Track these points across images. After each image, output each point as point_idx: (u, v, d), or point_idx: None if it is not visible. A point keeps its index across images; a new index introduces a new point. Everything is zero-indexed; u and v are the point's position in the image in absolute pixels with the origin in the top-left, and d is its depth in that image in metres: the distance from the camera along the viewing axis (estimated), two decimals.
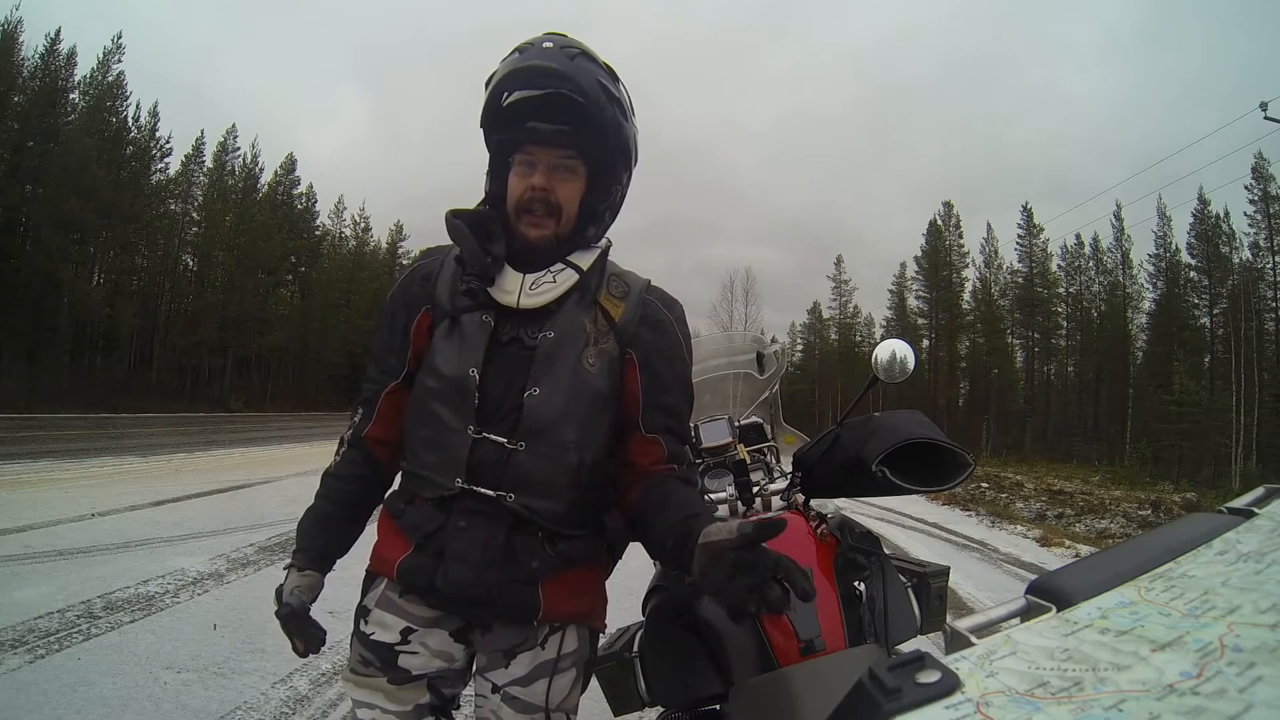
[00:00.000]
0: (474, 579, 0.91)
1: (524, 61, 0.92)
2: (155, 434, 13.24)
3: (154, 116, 28.31)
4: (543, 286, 0.96)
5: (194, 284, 30.84)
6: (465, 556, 0.91)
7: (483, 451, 0.92)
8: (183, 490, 6.53)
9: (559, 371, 0.94)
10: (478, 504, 0.92)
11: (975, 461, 1.11)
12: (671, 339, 1.03)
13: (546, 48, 0.92)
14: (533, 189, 0.95)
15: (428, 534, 0.93)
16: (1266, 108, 16.21)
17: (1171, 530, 0.53)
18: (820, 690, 0.87)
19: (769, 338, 1.84)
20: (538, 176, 0.95)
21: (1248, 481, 16.51)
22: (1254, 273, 26.70)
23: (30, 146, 22.87)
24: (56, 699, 2.29)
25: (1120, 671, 0.33)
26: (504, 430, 0.93)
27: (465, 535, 0.92)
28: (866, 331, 42.28)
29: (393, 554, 0.96)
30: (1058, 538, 7.45)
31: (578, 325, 0.97)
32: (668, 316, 1.04)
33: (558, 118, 0.93)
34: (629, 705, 1.13)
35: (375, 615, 0.98)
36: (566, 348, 0.96)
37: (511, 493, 0.91)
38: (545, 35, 0.95)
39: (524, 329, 0.96)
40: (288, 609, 1.01)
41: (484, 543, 0.91)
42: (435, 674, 0.97)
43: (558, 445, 0.93)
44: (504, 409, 0.93)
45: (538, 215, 0.96)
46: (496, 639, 0.96)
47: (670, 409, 1.01)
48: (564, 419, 0.94)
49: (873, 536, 1.18)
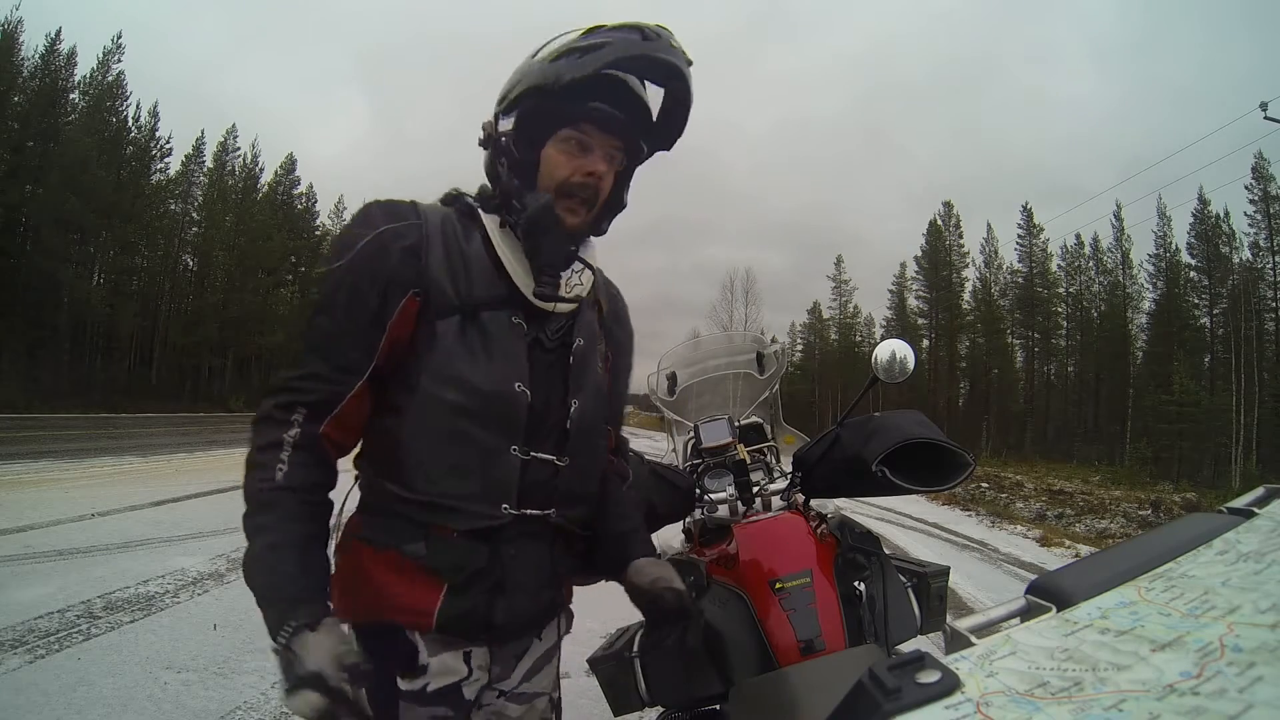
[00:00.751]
0: (533, 605, 0.87)
1: (652, 50, 0.82)
2: (155, 434, 13.23)
3: (154, 116, 28.35)
4: (574, 289, 0.89)
5: (194, 284, 30.82)
6: (525, 586, 0.85)
7: (533, 473, 0.84)
8: (183, 490, 6.52)
9: (591, 379, 0.91)
10: (527, 528, 0.85)
11: (975, 461, 1.11)
12: (629, 330, 1.05)
13: (674, 45, 0.84)
14: (589, 174, 0.85)
15: (473, 572, 0.82)
16: (1266, 108, 16.21)
17: (1171, 530, 0.53)
18: (820, 690, 0.87)
19: (769, 338, 1.84)
20: (597, 162, 0.86)
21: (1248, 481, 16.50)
22: (1254, 273, 26.67)
23: (30, 146, 22.88)
24: (56, 699, 2.29)
25: (1120, 671, 0.33)
26: (551, 447, 0.86)
27: (517, 563, 0.84)
28: (866, 331, 42.25)
29: (423, 601, 0.80)
30: (1058, 538, 7.44)
31: (594, 328, 0.94)
32: (625, 309, 1.05)
33: (623, 106, 0.86)
34: (629, 705, 1.12)
35: (434, 665, 0.81)
36: (593, 354, 0.92)
37: (555, 508, 0.87)
38: (663, 28, 0.85)
39: (542, 330, 0.88)
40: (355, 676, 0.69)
41: (536, 565, 0.87)
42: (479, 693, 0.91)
43: (594, 456, 0.92)
44: (549, 423, 0.86)
45: (577, 202, 0.86)
46: (512, 646, 0.92)
47: (620, 396, 1.03)
48: (599, 428, 0.93)
49: (873, 536, 1.18)
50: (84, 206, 22.56)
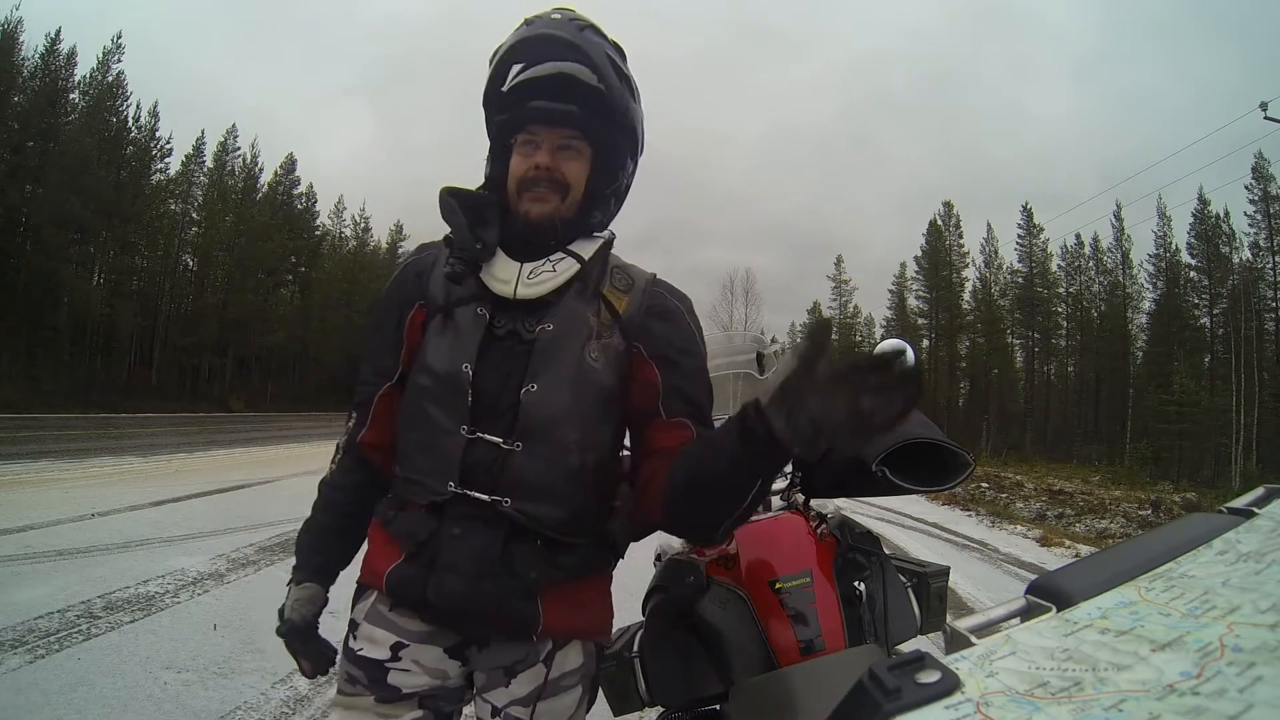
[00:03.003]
0: (468, 590, 0.85)
1: (533, 31, 0.88)
2: (155, 434, 13.24)
3: (154, 117, 28.38)
4: (541, 276, 0.90)
5: (194, 284, 30.87)
6: (458, 566, 0.85)
7: (477, 453, 0.86)
8: (183, 490, 6.52)
9: (561, 366, 0.88)
10: (472, 510, 0.86)
11: (975, 461, 1.11)
12: (683, 329, 0.96)
13: (555, 19, 0.89)
14: (536, 167, 0.90)
15: (420, 542, 0.87)
16: (1266, 108, 16.23)
17: (1171, 530, 0.53)
18: (820, 690, 0.87)
19: (769, 338, 1.84)
20: (542, 155, 0.90)
21: (1248, 481, 16.51)
22: (1254, 273, 26.71)
23: (30, 146, 22.90)
24: (56, 699, 2.29)
25: (1120, 671, 0.33)
26: (500, 430, 0.86)
27: (458, 543, 0.86)
28: (866, 331, 42.26)
29: (382, 564, 0.90)
30: (1058, 538, 7.45)
31: (580, 318, 0.91)
32: (677, 306, 0.97)
33: (563, 98, 0.89)
34: (629, 705, 1.12)
35: (364, 630, 0.91)
36: (568, 341, 0.89)
37: (507, 497, 0.85)
38: (554, 8, 0.91)
39: (522, 322, 0.90)
40: (289, 625, 0.96)
41: (478, 552, 0.85)
42: (428, 692, 0.90)
43: (558, 445, 0.87)
44: (500, 407, 0.87)
45: (541, 190, 0.90)
46: (495, 656, 0.90)
47: (691, 397, 0.93)
48: (567, 417, 0.88)
49: (873, 536, 1.18)
50: (84, 206, 22.60)
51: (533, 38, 0.89)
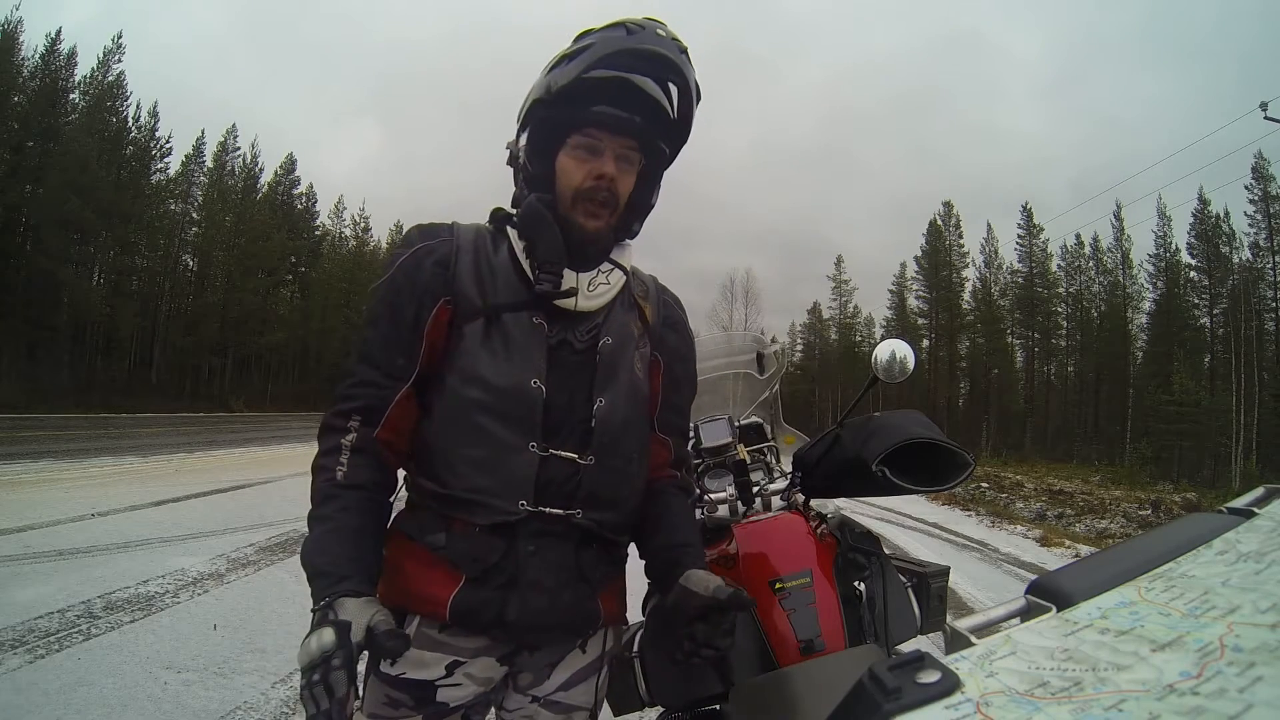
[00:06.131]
0: (550, 604, 0.85)
1: (636, 43, 0.83)
2: (155, 434, 13.23)
3: (154, 117, 28.37)
4: (599, 288, 0.90)
5: (194, 284, 30.86)
6: (541, 583, 0.85)
7: (551, 470, 0.85)
8: (183, 490, 6.52)
9: (620, 379, 0.90)
10: (545, 525, 0.85)
11: (975, 461, 1.11)
12: (686, 339, 1.03)
13: (660, 35, 0.84)
14: (600, 177, 0.87)
15: (489, 566, 0.83)
16: (1266, 108, 16.21)
17: (1171, 530, 0.52)
18: (820, 690, 0.87)
19: (769, 338, 1.84)
20: (607, 164, 0.87)
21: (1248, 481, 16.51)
22: (1254, 273, 26.69)
23: (30, 146, 22.91)
24: (56, 699, 2.29)
25: (1120, 671, 0.33)
26: (572, 445, 0.86)
27: (536, 560, 0.84)
28: (866, 331, 42.29)
29: (439, 590, 0.84)
30: (1058, 538, 7.45)
31: (628, 329, 0.93)
32: (682, 317, 1.04)
33: (628, 105, 0.86)
34: (629, 705, 1.12)
35: (412, 655, 0.84)
36: (624, 353, 0.91)
37: (580, 509, 0.86)
38: (651, 19, 0.87)
39: (572, 331, 0.89)
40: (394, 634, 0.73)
41: (557, 565, 0.86)
42: (472, 702, 0.90)
43: (624, 456, 0.90)
44: (571, 422, 0.87)
45: (597, 205, 0.88)
46: (545, 654, 0.92)
47: (680, 408, 1.02)
48: (628, 429, 0.91)
49: (873, 536, 1.17)
50: (84, 206, 22.57)
51: (636, 50, 0.83)
